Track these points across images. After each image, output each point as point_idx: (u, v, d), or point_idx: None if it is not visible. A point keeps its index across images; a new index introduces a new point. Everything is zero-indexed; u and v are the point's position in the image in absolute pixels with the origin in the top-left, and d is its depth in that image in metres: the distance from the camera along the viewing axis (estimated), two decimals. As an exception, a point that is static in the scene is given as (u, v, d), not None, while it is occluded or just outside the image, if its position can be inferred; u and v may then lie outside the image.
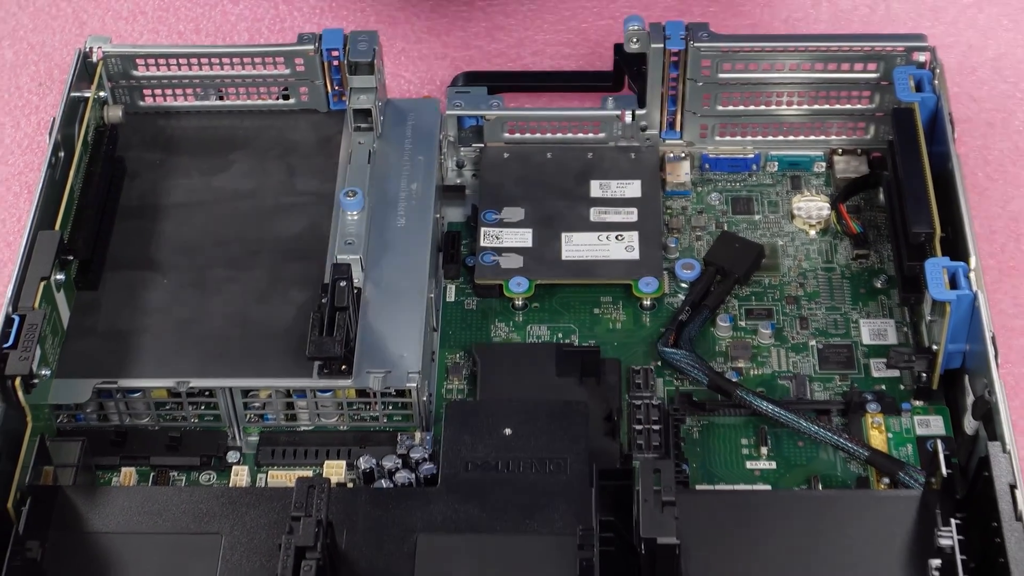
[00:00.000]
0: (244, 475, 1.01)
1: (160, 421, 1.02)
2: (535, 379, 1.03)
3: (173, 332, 1.03)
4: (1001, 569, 0.84)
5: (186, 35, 1.31)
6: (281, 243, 1.07)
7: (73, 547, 0.92)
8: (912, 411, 1.02)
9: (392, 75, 1.26)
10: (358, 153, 1.11)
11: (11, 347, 0.94)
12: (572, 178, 1.15)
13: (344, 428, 1.02)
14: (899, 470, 0.96)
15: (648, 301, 1.09)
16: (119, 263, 1.07)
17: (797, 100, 1.15)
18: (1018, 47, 1.27)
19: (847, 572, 0.89)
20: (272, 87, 1.16)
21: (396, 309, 1.03)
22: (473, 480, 0.94)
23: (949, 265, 0.98)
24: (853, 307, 1.09)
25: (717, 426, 1.03)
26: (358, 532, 0.92)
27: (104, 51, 1.14)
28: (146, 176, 1.13)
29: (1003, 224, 1.16)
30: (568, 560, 0.89)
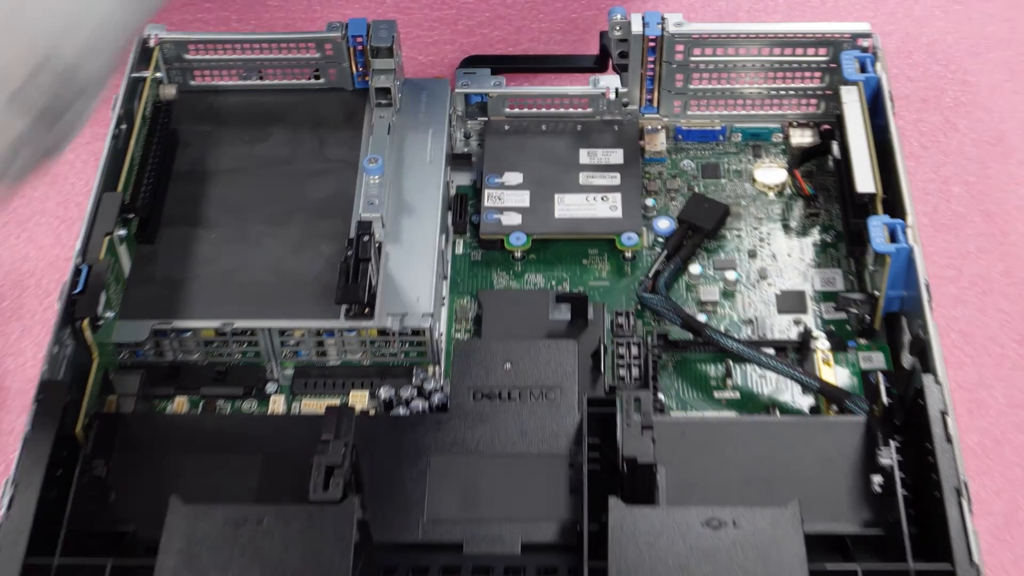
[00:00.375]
0: (281, 403, 1.01)
1: (208, 357, 1.02)
2: (531, 321, 1.02)
3: (219, 280, 1.02)
4: (934, 484, 0.85)
5: (230, 23, 1.30)
6: (312, 203, 1.07)
7: (133, 465, 0.92)
8: (857, 348, 1.02)
9: (408, 58, 1.26)
10: (379, 126, 1.11)
11: (80, 293, 0.94)
12: (563, 147, 1.14)
13: (367, 363, 1.02)
14: (846, 399, 0.95)
15: (629, 253, 1.08)
16: (173, 220, 1.07)
17: (758, 80, 1.14)
18: (948, 34, 1.27)
19: (801, 487, 0.89)
20: (305, 69, 1.15)
21: (412, 260, 1.02)
22: (478, 408, 0.94)
23: (889, 222, 0.98)
24: (806, 259, 1.08)
25: (689, 361, 1.02)
26: (379, 453, 0.92)
27: (160, 38, 1.14)
28: (196, 146, 1.12)
29: (936, 186, 1.15)
30: (560, 477, 0.89)
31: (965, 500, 0.83)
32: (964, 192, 1.15)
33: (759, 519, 0.82)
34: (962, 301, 1.08)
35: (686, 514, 0.82)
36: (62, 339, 0.93)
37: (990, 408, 1.02)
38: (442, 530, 0.88)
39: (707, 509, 0.82)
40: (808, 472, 0.90)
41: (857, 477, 0.89)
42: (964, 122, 1.20)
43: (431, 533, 0.88)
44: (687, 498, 0.89)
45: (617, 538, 0.81)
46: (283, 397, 1.01)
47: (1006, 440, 1.00)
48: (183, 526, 0.83)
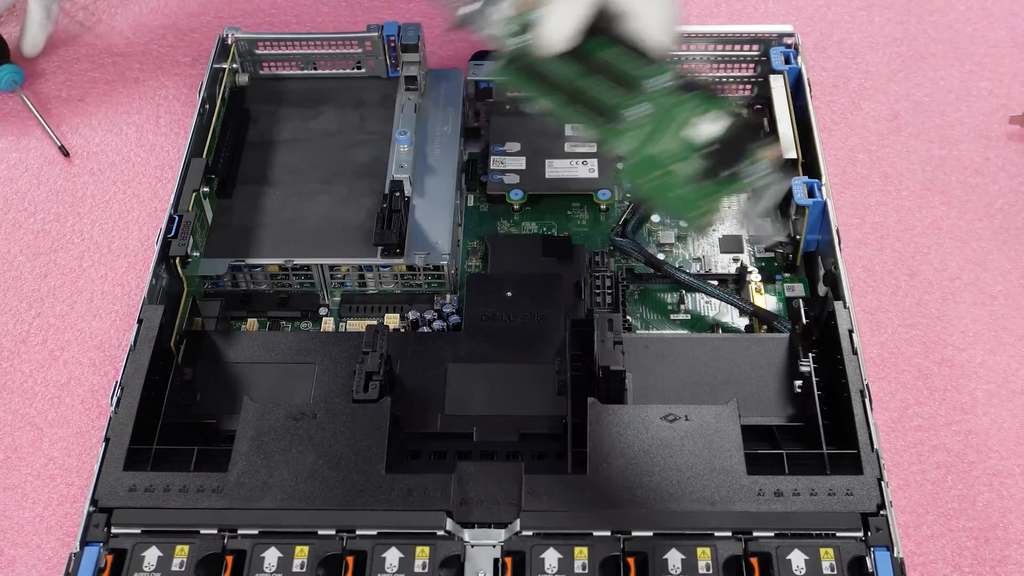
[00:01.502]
0: (330, 324, 0.99)
1: (273, 287, 1.01)
2: (527, 259, 1.01)
3: (282, 226, 1.01)
4: (842, 387, 0.84)
5: (290, 24, 1.29)
6: (355, 167, 1.06)
7: (214, 372, 0.92)
8: (783, 280, 1.00)
9: (431, 53, 1.24)
10: (407, 106, 1.10)
11: (173, 237, 0.94)
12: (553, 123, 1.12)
13: (398, 292, 1.01)
14: (774, 320, 0.95)
15: (604, 206, 1.07)
16: (246, 180, 1.05)
17: (704, 69, 1.13)
18: (854, 34, 1.25)
19: (739, 389, 0.88)
20: (349, 60, 1.13)
21: (433, 211, 1.01)
22: (486, 327, 0.94)
23: (807, 181, 0.97)
24: (742, 209, 1.06)
25: (651, 291, 1.01)
26: (407, 363, 0.91)
27: (236, 36, 1.12)
28: (264, 122, 1.10)
29: (844, 153, 1.14)
30: (550, 381, 0.89)
31: (867, 399, 0.82)
32: (867, 158, 1.14)
33: (706, 414, 0.82)
34: (864, 243, 1.07)
35: (648, 411, 0.82)
36: (159, 273, 0.93)
37: (887, 327, 1.01)
38: (457, 423, 0.88)
39: (665, 407, 0.83)
40: (744, 377, 0.89)
41: (783, 381, 0.89)
42: (867, 103, 1.19)
43: (448, 425, 0.88)
44: (649, 398, 0.88)
45: (595, 430, 0.82)
46: (332, 319, 1.00)
47: (900, 352, 1.00)
48: (254, 420, 0.83)
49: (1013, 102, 1.18)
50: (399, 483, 0.79)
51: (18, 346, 1.03)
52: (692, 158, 0.79)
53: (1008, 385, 0.98)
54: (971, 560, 0.89)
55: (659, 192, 0.79)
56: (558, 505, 0.78)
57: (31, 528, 0.92)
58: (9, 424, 0.98)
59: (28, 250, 1.09)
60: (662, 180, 0.79)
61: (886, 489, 0.78)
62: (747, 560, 0.76)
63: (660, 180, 0.79)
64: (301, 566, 0.76)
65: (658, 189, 0.79)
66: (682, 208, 0.79)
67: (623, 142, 0.81)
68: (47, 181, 1.15)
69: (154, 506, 0.79)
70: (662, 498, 0.78)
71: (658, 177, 0.79)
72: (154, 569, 0.76)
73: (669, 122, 0.80)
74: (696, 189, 0.78)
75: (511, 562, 0.76)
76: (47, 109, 1.21)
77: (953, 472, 0.93)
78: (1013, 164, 1.13)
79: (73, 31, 1.29)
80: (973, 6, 1.27)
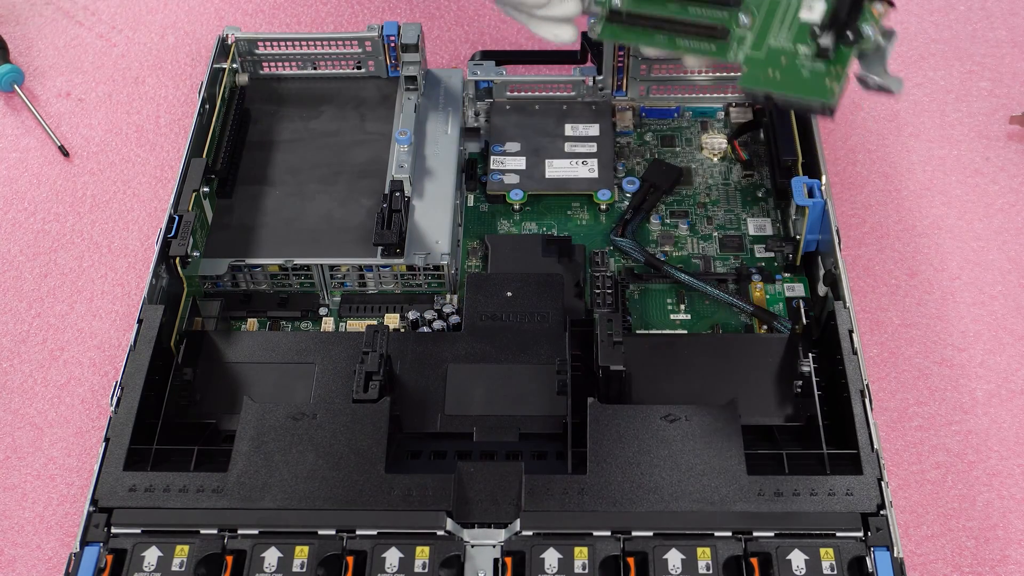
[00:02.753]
0: (330, 324, 0.99)
1: (273, 287, 1.01)
2: (527, 259, 1.01)
3: (282, 226, 1.01)
4: (842, 387, 0.84)
5: (291, 24, 1.29)
6: (355, 166, 1.06)
7: (214, 372, 0.92)
8: (783, 280, 1.00)
9: (430, 52, 1.25)
10: (407, 106, 1.09)
11: (173, 237, 0.94)
12: (552, 123, 1.12)
13: (398, 292, 1.00)
14: (773, 320, 0.95)
15: (603, 206, 1.06)
16: (246, 179, 1.05)
17: (704, 70, 1.12)
18: (855, 33, 1.25)
19: (738, 389, 0.88)
20: (349, 60, 1.13)
21: (433, 211, 1.01)
22: (486, 327, 0.94)
23: (807, 181, 0.96)
24: (742, 210, 1.06)
25: (650, 290, 1.01)
26: (407, 363, 0.91)
27: (236, 36, 1.12)
28: (264, 121, 1.10)
29: (844, 153, 1.14)
30: (550, 381, 0.89)
31: (867, 399, 0.82)
32: (866, 158, 1.14)
33: (705, 414, 0.82)
34: (864, 243, 1.07)
35: (648, 411, 0.82)
36: (159, 273, 0.92)
37: (886, 326, 1.01)
38: (457, 423, 0.88)
39: (665, 407, 0.83)
40: (744, 377, 0.89)
41: (782, 381, 0.89)
42: (866, 103, 1.19)
43: (448, 425, 0.88)
44: (649, 398, 0.88)
45: (594, 430, 0.82)
46: (332, 319, 0.99)
47: (900, 352, 1.00)
48: (254, 420, 0.83)
49: (1013, 102, 1.18)
50: (399, 483, 0.79)
51: (18, 346, 1.03)
52: (807, 40, 0.80)
53: (1008, 385, 0.98)
54: (971, 560, 0.89)
55: (786, 84, 0.80)
56: (558, 505, 0.78)
57: (31, 528, 0.92)
58: (9, 424, 0.98)
59: (28, 250, 1.09)
60: (784, 71, 0.80)
61: (886, 489, 0.78)
62: (747, 560, 0.76)
63: (783, 71, 0.80)
64: (301, 566, 0.76)
65: (783, 82, 0.80)
66: (813, 90, 0.79)
67: (740, 50, 0.83)
68: (47, 181, 1.15)
69: (154, 506, 0.79)
70: (662, 498, 0.78)
71: (780, 68, 0.80)
72: (154, 569, 0.76)
73: (773, 17, 0.82)
74: (820, 68, 0.80)
75: (511, 562, 0.76)
76: (47, 109, 1.21)
77: (953, 472, 0.93)
78: (1013, 164, 1.13)
79: (73, 31, 1.29)
80: (973, 6, 1.27)
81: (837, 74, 0.80)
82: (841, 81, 0.79)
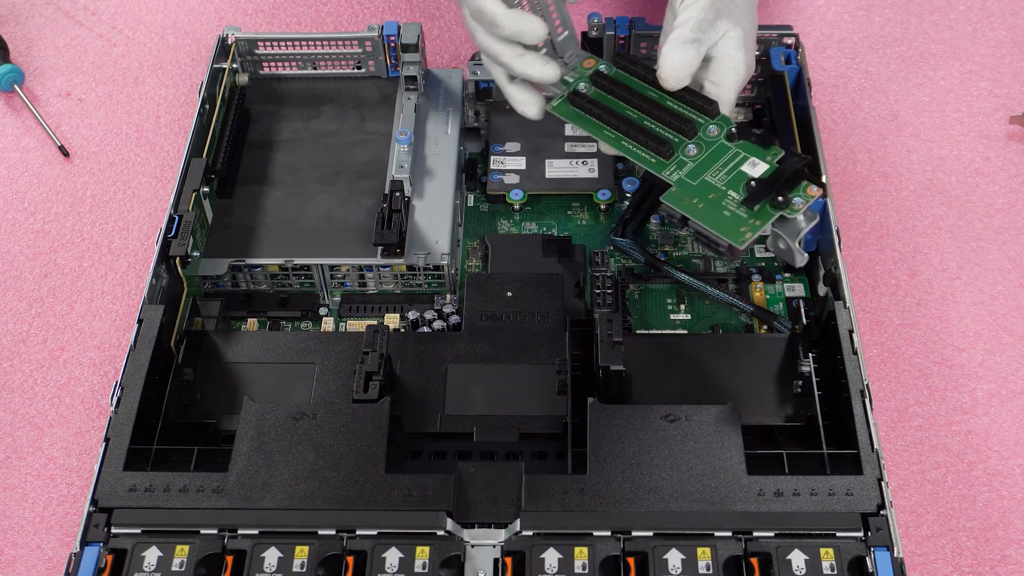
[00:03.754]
0: (330, 324, 0.99)
1: (274, 287, 1.01)
2: (527, 259, 1.01)
3: (282, 226, 1.01)
4: (842, 387, 0.84)
5: (291, 24, 1.29)
6: (355, 166, 1.06)
7: (215, 372, 0.92)
8: (783, 280, 1.00)
9: (430, 52, 1.25)
10: (407, 106, 1.09)
11: (173, 236, 0.94)
12: (552, 122, 1.11)
13: (398, 292, 1.00)
14: (774, 320, 0.95)
15: (603, 206, 1.06)
16: (246, 179, 1.05)
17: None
18: (854, 34, 1.25)
19: (738, 389, 0.88)
20: (349, 60, 1.13)
21: (433, 211, 1.01)
22: (486, 327, 0.94)
23: (808, 181, 0.96)
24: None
25: (650, 290, 1.01)
26: (407, 363, 0.91)
27: (236, 36, 1.12)
28: (264, 121, 1.10)
29: (844, 153, 1.14)
30: (550, 381, 0.89)
31: (867, 399, 0.82)
32: (866, 158, 1.14)
33: (705, 414, 0.82)
34: (865, 243, 1.07)
35: (648, 411, 0.82)
36: (159, 273, 0.92)
37: (886, 327, 1.01)
38: (457, 423, 0.88)
39: (665, 407, 0.83)
40: (744, 377, 0.89)
41: (782, 381, 0.89)
42: (867, 103, 1.19)
43: (448, 425, 0.88)
44: (649, 398, 0.88)
45: (594, 430, 0.81)
46: (332, 319, 0.99)
47: (900, 352, 1.00)
48: (254, 420, 0.83)
49: (1013, 102, 1.18)
50: (399, 483, 0.79)
51: (18, 346, 1.03)
52: (738, 189, 0.84)
53: (1008, 385, 0.98)
54: (971, 560, 0.89)
55: (705, 216, 0.84)
56: (558, 505, 0.78)
57: (31, 528, 0.92)
58: (9, 424, 0.98)
59: (28, 250, 1.09)
60: (709, 204, 0.84)
61: (886, 489, 0.78)
62: (747, 560, 0.76)
63: (707, 204, 0.84)
64: (301, 566, 0.76)
65: (703, 213, 0.84)
66: (728, 231, 0.83)
67: (676, 172, 0.86)
68: (47, 181, 1.15)
69: (154, 506, 0.79)
70: (662, 498, 0.78)
71: (706, 201, 0.84)
72: (154, 569, 0.76)
73: (717, 159, 0.86)
74: (739, 214, 0.83)
75: (511, 562, 0.76)
76: (47, 109, 1.21)
77: (953, 472, 0.93)
78: (1013, 164, 1.13)
79: (73, 31, 1.29)
80: (973, 6, 1.27)
81: (754, 226, 0.83)
82: (755, 232, 0.83)
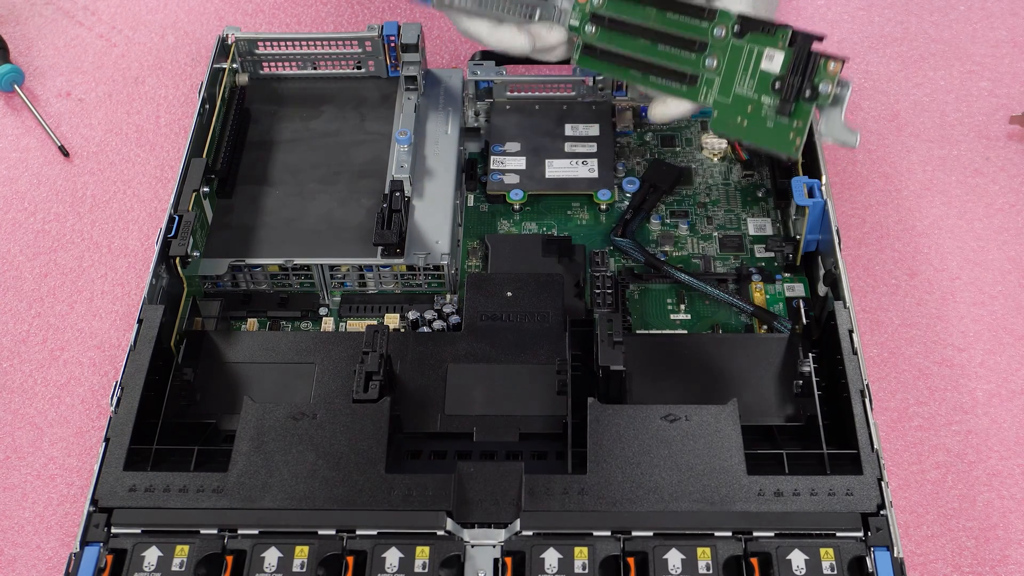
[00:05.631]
0: (330, 324, 0.99)
1: (274, 287, 1.01)
2: (527, 259, 1.01)
3: (282, 226, 1.01)
4: (842, 387, 0.84)
5: (291, 24, 1.29)
6: (355, 166, 1.06)
7: (215, 372, 0.92)
8: (783, 280, 1.00)
9: (431, 52, 1.25)
10: (407, 106, 1.09)
11: (173, 236, 0.94)
12: (553, 122, 1.12)
13: (398, 292, 1.00)
14: (774, 320, 0.95)
15: (603, 206, 1.06)
16: (246, 179, 1.05)
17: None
18: (854, 33, 1.25)
19: (739, 389, 0.88)
20: (349, 60, 1.13)
21: (433, 211, 1.01)
22: (486, 327, 0.93)
23: (808, 181, 0.96)
24: (742, 209, 1.06)
25: (650, 290, 1.01)
26: (407, 362, 0.91)
27: (236, 36, 1.12)
28: (264, 121, 1.10)
29: (844, 153, 1.14)
30: (550, 381, 0.89)
31: (867, 399, 0.82)
32: (867, 158, 1.14)
33: (705, 414, 0.82)
34: (865, 243, 1.07)
35: (648, 411, 0.82)
36: (159, 273, 0.92)
37: (886, 327, 1.01)
38: (457, 422, 0.88)
39: (665, 407, 0.83)
40: (744, 377, 0.89)
41: (782, 381, 0.89)
42: (867, 103, 1.19)
43: (448, 425, 0.88)
44: (649, 398, 0.88)
45: (594, 430, 0.81)
46: (332, 319, 0.99)
47: (900, 352, 1.00)
48: (254, 420, 0.83)
49: (1013, 102, 1.18)
50: (399, 483, 0.79)
51: (18, 346, 1.03)
52: (769, 92, 0.85)
53: (1008, 385, 0.98)
54: (971, 560, 0.89)
55: (752, 133, 0.86)
56: (558, 505, 0.78)
57: (31, 528, 0.92)
58: (9, 424, 0.98)
59: (28, 250, 1.09)
60: (750, 119, 0.85)
61: (886, 489, 0.78)
62: (747, 560, 0.76)
63: (749, 119, 0.86)
64: (301, 566, 0.76)
65: (750, 131, 0.86)
66: (776, 140, 0.85)
67: (709, 94, 0.88)
68: (47, 181, 1.15)
69: (154, 506, 0.79)
70: (662, 498, 0.78)
71: (747, 116, 0.86)
72: (154, 569, 0.76)
73: (737, 65, 0.87)
74: (780, 123, 0.85)
75: (511, 562, 0.76)
76: (47, 109, 1.21)
77: (953, 472, 0.93)
78: (1013, 164, 1.13)
79: (73, 31, 1.29)
80: (973, 6, 1.27)
81: (799, 128, 0.84)
82: (803, 134, 0.84)
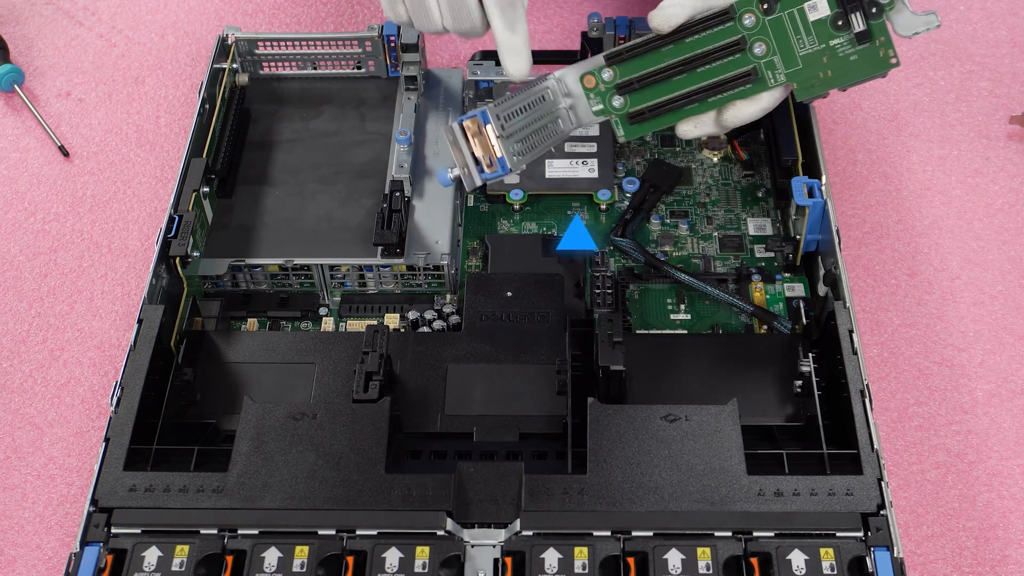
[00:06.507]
0: (330, 324, 0.99)
1: (274, 287, 1.01)
2: (527, 259, 1.01)
3: (282, 226, 1.01)
4: (842, 387, 0.84)
5: (291, 24, 1.29)
6: (355, 166, 1.06)
7: (215, 372, 0.92)
8: (783, 280, 1.00)
9: (430, 52, 1.24)
10: (407, 106, 1.10)
11: (173, 237, 0.94)
12: (552, 122, 1.12)
13: (398, 292, 1.00)
14: (773, 320, 0.95)
15: (604, 206, 1.06)
16: (246, 179, 1.05)
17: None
18: (855, 33, 1.25)
19: (738, 389, 0.88)
20: (349, 60, 1.13)
21: (433, 211, 1.01)
22: (486, 327, 0.93)
23: (808, 181, 0.96)
24: (742, 210, 1.06)
25: (650, 290, 1.01)
26: (407, 362, 0.91)
27: (236, 36, 1.12)
28: (264, 121, 1.11)
29: (844, 153, 1.14)
30: (550, 381, 0.89)
31: (867, 399, 0.82)
32: (866, 158, 1.14)
33: (705, 414, 0.82)
34: (865, 243, 1.07)
35: (648, 411, 0.82)
36: (159, 273, 0.92)
37: (886, 327, 1.01)
38: (457, 422, 0.88)
39: (665, 407, 0.83)
40: (744, 377, 0.89)
41: (782, 381, 0.89)
42: (867, 103, 1.19)
43: (448, 425, 0.88)
44: (649, 398, 0.88)
45: (594, 430, 0.81)
46: (332, 319, 0.99)
47: (900, 352, 1.00)
48: (254, 420, 0.83)
49: (1013, 102, 1.18)
50: (399, 483, 0.79)
51: (18, 346, 1.03)
52: (834, 34, 0.85)
53: (1008, 385, 0.98)
54: (971, 560, 0.89)
55: (841, 76, 0.85)
56: (558, 505, 0.78)
57: (31, 528, 0.92)
58: (9, 424, 0.98)
59: (28, 250, 1.09)
60: (833, 67, 0.85)
61: (886, 489, 0.78)
62: (747, 560, 0.76)
63: (832, 68, 0.85)
64: (301, 566, 0.76)
65: (838, 75, 0.85)
66: (869, 67, 0.85)
67: (776, 75, 0.86)
68: (47, 181, 1.15)
69: (154, 506, 0.79)
70: (662, 498, 0.78)
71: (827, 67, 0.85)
72: (154, 569, 0.76)
73: (786, 35, 0.86)
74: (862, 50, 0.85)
75: (511, 562, 0.76)
76: (47, 109, 1.21)
77: (953, 472, 0.93)
78: (1013, 164, 1.13)
79: (73, 31, 1.29)
80: (973, 6, 1.27)
81: (884, 43, 0.84)
82: (890, 46, 0.84)
